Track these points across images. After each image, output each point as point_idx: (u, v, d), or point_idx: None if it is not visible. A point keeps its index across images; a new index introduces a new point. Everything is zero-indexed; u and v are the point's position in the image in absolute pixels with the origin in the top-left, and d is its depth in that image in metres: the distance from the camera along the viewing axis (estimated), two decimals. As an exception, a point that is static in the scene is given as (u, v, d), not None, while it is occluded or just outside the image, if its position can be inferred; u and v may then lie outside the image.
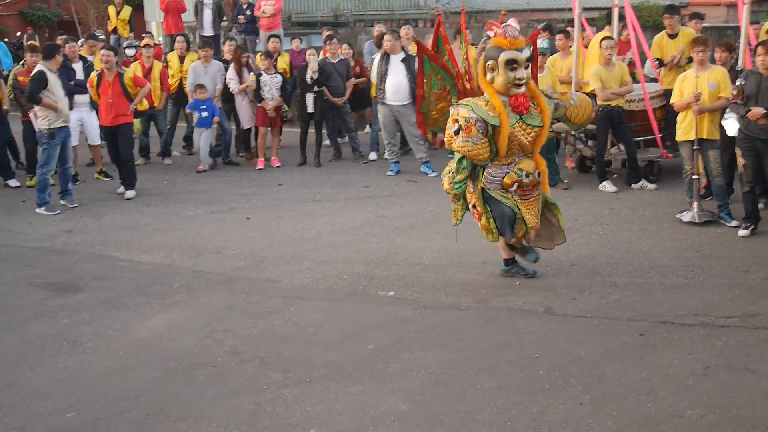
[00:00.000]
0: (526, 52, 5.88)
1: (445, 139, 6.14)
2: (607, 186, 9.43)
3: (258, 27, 14.81)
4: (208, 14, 15.01)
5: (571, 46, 10.29)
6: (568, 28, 10.92)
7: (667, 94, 9.01)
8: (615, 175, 9.87)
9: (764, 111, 7.15)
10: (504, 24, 5.89)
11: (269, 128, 11.27)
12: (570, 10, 10.81)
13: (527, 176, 6.02)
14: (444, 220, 8.35)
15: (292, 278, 6.80)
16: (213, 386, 4.91)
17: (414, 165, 10.72)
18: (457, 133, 5.88)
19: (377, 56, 10.70)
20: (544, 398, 4.58)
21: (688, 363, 4.96)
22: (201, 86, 11.04)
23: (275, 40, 12.11)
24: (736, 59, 8.83)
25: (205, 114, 11.01)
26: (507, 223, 6.11)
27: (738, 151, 7.72)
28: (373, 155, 11.65)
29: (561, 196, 9.18)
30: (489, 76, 5.91)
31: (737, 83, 7.44)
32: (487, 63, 5.88)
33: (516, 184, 6.01)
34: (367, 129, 12.79)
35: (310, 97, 11.15)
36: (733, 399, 4.45)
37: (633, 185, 9.46)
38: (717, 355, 5.07)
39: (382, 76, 10.28)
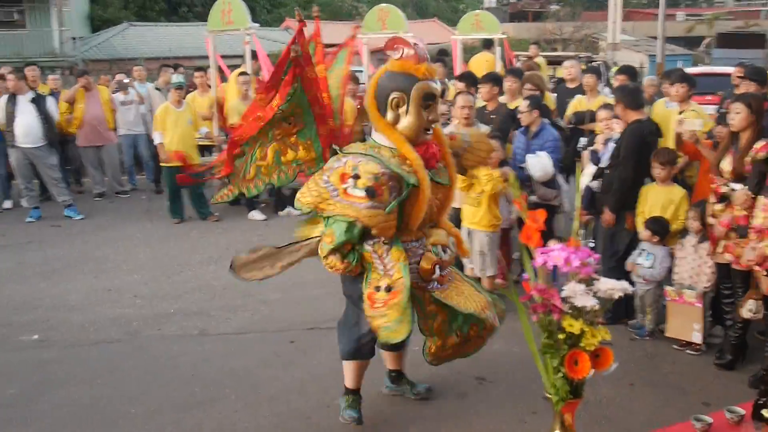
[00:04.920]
0: (439, 84, 4.13)
1: (305, 199, 3.97)
2: (255, 215, 9.78)
3: None
4: None
5: (209, 84, 10.59)
6: (206, 67, 11.22)
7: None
8: (263, 204, 10.25)
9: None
10: (414, 43, 3.98)
11: None
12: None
13: (445, 251, 4.17)
14: (89, 260, 8.06)
15: None
16: None
17: (57, 209, 10.12)
18: (341, 193, 3.84)
19: (4, 98, 9.97)
20: (199, 412, 4.62)
21: (333, 361, 5.31)
22: None
23: None
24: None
25: None
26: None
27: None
28: (7, 203, 10.76)
29: (213, 228, 9.37)
30: (390, 115, 3.99)
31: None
32: (391, 97, 3.96)
33: (437, 267, 4.09)
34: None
35: (-73, 143, 10.06)
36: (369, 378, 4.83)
37: (280, 212, 9.93)
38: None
39: (11, 118, 9.61)
